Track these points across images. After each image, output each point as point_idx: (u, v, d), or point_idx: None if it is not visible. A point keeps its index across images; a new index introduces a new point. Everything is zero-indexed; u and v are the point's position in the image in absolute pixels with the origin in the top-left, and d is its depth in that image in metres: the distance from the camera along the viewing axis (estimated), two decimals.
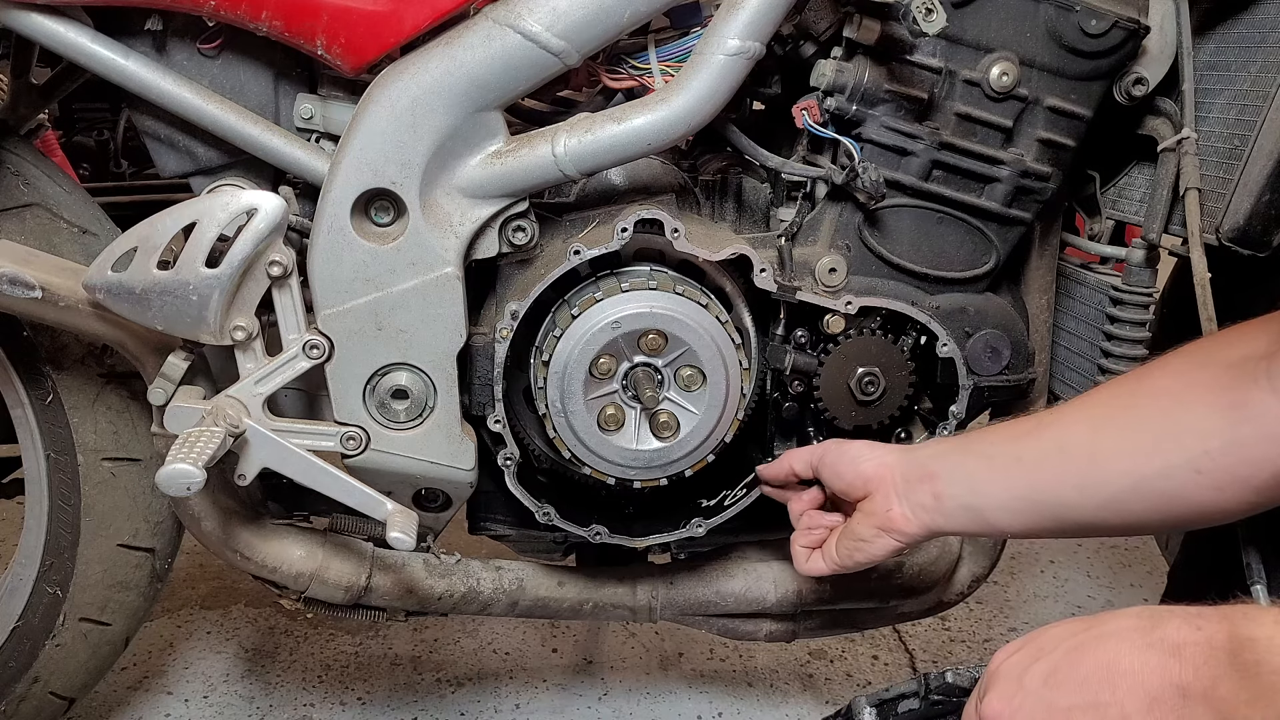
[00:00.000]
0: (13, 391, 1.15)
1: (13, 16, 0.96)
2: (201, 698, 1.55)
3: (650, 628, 1.72)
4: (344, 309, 1.00)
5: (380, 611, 1.20)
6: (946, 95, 1.02)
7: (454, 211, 0.99)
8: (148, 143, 1.07)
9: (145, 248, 0.95)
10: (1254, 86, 1.03)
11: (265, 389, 1.01)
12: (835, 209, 1.05)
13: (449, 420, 1.05)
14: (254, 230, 0.94)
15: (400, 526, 0.98)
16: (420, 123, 0.95)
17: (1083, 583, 1.93)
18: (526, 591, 1.20)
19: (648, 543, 1.14)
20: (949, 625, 1.77)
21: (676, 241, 1.00)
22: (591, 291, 1.02)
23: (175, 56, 1.02)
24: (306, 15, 0.95)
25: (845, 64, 1.00)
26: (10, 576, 1.22)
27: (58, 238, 1.09)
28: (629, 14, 0.93)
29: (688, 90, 0.94)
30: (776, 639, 1.27)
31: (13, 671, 1.22)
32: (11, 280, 0.97)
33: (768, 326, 1.09)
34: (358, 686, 1.58)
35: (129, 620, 1.26)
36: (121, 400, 1.16)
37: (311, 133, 1.04)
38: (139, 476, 1.19)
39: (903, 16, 0.94)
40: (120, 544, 1.20)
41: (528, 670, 1.63)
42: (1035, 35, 1.00)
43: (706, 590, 1.22)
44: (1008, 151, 1.04)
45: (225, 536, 1.12)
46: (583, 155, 0.96)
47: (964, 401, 1.11)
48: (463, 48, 0.94)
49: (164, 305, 0.95)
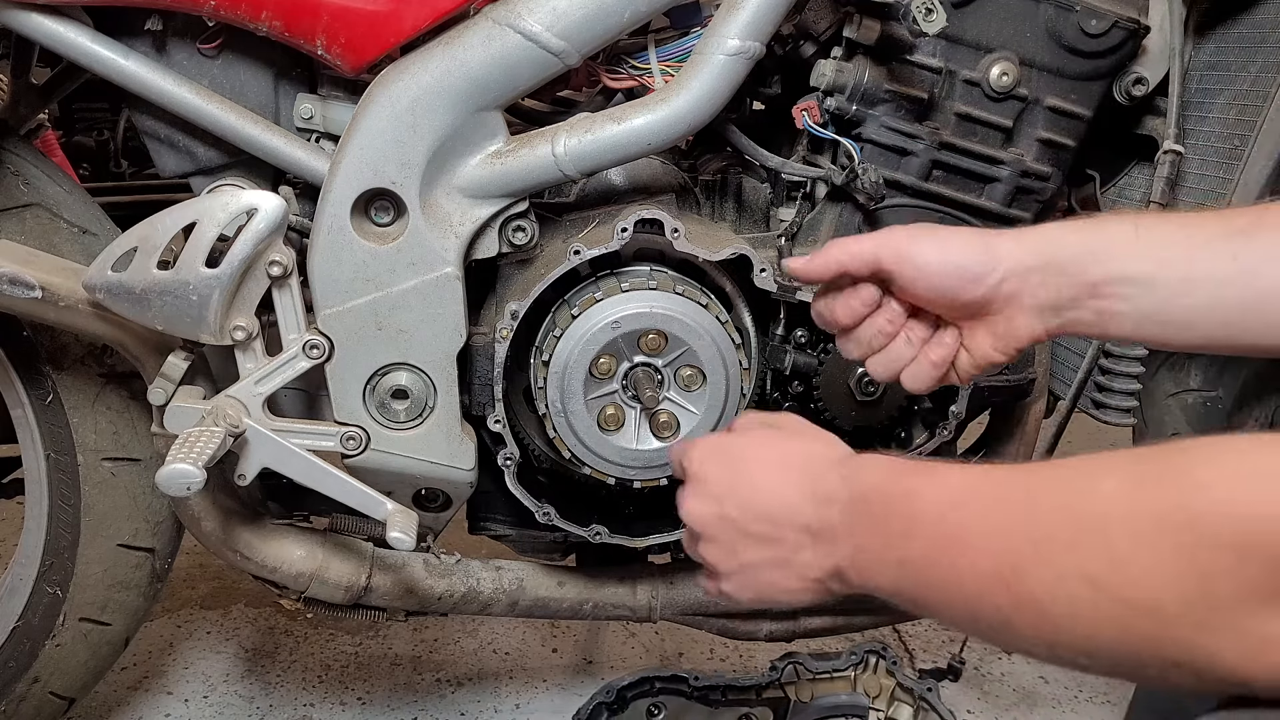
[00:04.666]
0: (13, 391, 1.15)
1: (13, 16, 0.96)
2: (201, 698, 1.55)
3: (650, 628, 1.72)
4: (344, 309, 1.00)
5: (380, 611, 1.20)
6: (946, 95, 1.02)
7: (454, 211, 0.99)
8: (148, 143, 1.07)
9: (145, 248, 0.95)
10: (1254, 86, 1.03)
11: (265, 389, 1.01)
12: (835, 209, 1.05)
13: (449, 420, 1.05)
14: (254, 230, 0.94)
15: (400, 526, 0.98)
16: (420, 123, 0.95)
17: None
18: (526, 591, 1.20)
19: (648, 543, 1.14)
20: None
21: (676, 241, 1.00)
22: (591, 291, 1.02)
23: (175, 56, 1.02)
24: (306, 15, 0.95)
25: (845, 64, 1.00)
26: (10, 576, 1.22)
27: (58, 238, 1.09)
28: (629, 14, 0.93)
29: (688, 90, 0.94)
30: (776, 639, 1.27)
31: (13, 671, 1.22)
32: (11, 280, 0.97)
33: (768, 326, 1.09)
34: (358, 686, 1.58)
35: (129, 620, 1.26)
36: (121, 400, 1.16)
37: (311, 133, 1.04)
38: (139, 476, 1.19)
39: (903, 16, 0.94)
40: (120, 544, 1.20)
41: (528, 670, 1.63)
42: (1035, 35, 1.00)
43: None
44: (1008, 151, 1.04)
45: (225, 536, 1.12)
46: (583, 155, 0.96)
47: (964, 401, 1.11)
48: (463, 48, 0.94)
49: (164, 305, 0.95)
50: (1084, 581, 0.51)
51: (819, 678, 1.24)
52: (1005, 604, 0.55)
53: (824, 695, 1.24)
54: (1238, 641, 0.47)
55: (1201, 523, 0.47)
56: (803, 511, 0.68)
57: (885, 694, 1.24)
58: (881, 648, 1.25)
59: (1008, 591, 0.55)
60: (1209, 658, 0.48)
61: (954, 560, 0.58)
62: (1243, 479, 0.47)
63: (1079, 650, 0.53)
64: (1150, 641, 0.50)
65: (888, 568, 0.63)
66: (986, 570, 0.56)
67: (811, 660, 1.24)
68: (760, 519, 0.70)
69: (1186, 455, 0.51)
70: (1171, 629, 0.48)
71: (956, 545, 0.58)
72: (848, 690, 1.25)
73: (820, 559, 0.67)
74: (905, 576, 0.62)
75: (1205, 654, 0.48)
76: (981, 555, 0.57)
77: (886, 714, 1.24)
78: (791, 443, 0.74)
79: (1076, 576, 0.51)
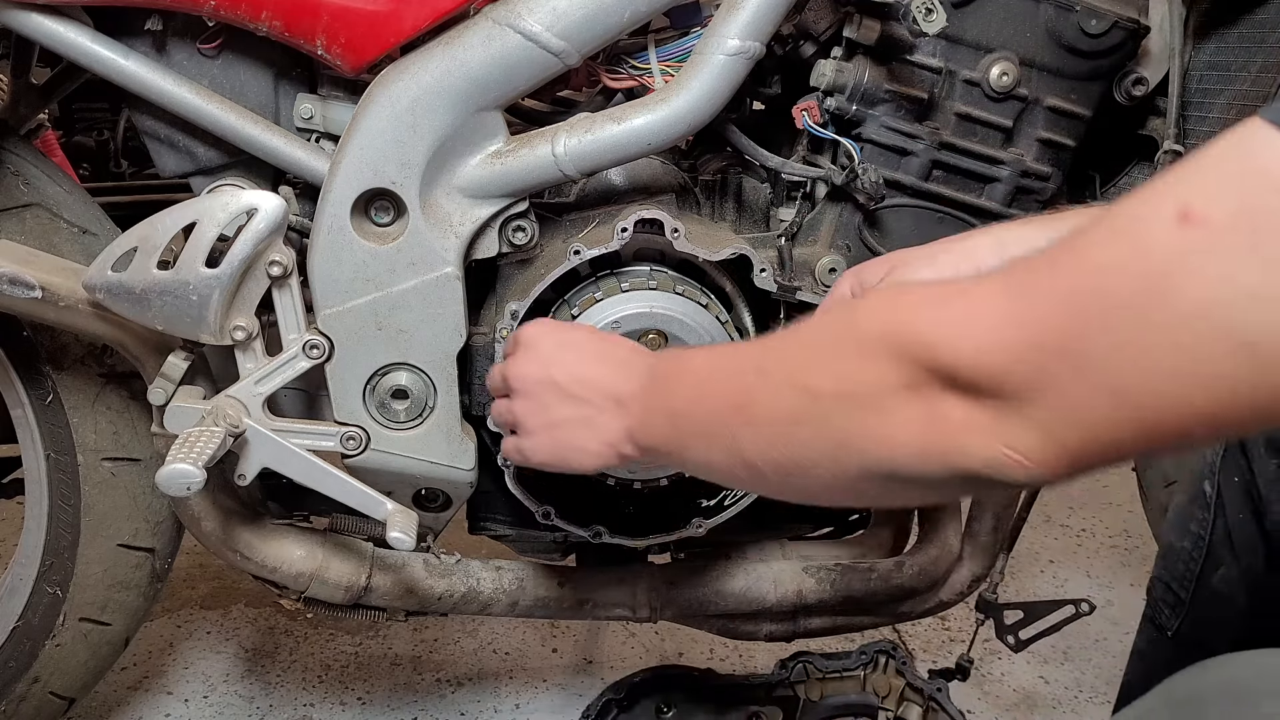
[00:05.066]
0: (13, 391, 1.15)
1: (13, 16, 0.96)
2: (201, 698, 1.55)
3: (650, 628, 1.72)
4: (344, 309, 1.00)
5: (380, 611, 1.20)
6: (946, 95, 1.02)
7: (454, 211, 0.99)
8: (148, 143, 1.07)
9: (145, 248, 0.95)
10: (1254, 86, 1.03)
11: (265, 389, 1.01)
12: (835, 209, 1.05)
13: (449, 420, 1.05)
14: (254, 230, 0.94)
15: (400, 526, 0.98)
16: (420, 122, 0.95)
17: (1083, 582, 1.93)
18: (526, 591, 1.20)
19: (648, 543, 1.14)
20: (949, 625, 1.77)
21: (676, 241, 1.00)
22: (591, 291, 1.02)
23: (175, 56, 1.02)
24: (306, 15, 0.95)
25: (845, 64, 1.00)
26: (10, 576, 1.22)
27: (58, 238, 1.09)
28: (629, 14, 0.93)
29: (688, 90, 0.94)
30: (776, 639, 1.27)
31: (13, 671, 1.22)
32: (11, 280, 0.97)
33: (768, 326, 1.09)
34: (358, 686, 1.58)
35: (129, 620, 1.26)
36: (121, 400, 1.16)
37: (311, 133, 1.04)
38: (139, 476, 1.19)
39: (903, 16, 0.94)
40: (120, 544, 1.20)
41: (528, 670, 1.63)
42: (1035, 35, 1.00)
43: (706, 590, 1.22)
44: (1008, 151, 1.04)
45: (225, 536, 1.12)
46: (583, 155, 0.96)
47: None
48: (463, 47, 0.94)
49: (164, 305, 0.95)
50: (791, 388, 0.64)
51: (828, 677, 1.24)
52: (738, 426, 0.68)
53: (833, 694, 1.25)
54: (892, 421, 0.58)
55: (864, 331, 0.61)
56: (614, 381, 0.81)
57: (895, 693, 1.25)
58: (891, 647, 1.25)
59: (740, 415, 0.68)
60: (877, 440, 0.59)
61: (705, 400, 0.72)
62: (893, 302, 0.61)
63: (794, 458, 0.65)
64: (838, 432, 0.61)
65: (662, 419, 0.76)
66: (727, 402, 0.69)
67: (821, 659, 1.24)
68: (579, 382, 0.82)
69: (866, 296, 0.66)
70: (851, 413, 0.60)
71: (708, 386, 0.72)
72: (857, 690, 1.25)
73: (617, 421, 0.80)
74: (674, 426, 0.75)
75: (874, 435, 0.59)
76: (724, 389, 0.70)
77: (896, 713, 1.24)
78: (616, 339, 0.89)
79: (787, 386, 0.65)
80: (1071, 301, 0.50)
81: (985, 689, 1.62)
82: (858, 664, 1.24)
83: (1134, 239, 0.49)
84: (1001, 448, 0.54)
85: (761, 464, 0.67)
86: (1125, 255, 0.49)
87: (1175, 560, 1.24)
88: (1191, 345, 0.46)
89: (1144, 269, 0.48)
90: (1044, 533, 2.10)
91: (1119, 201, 0.52)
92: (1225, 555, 1.17)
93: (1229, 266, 0.45)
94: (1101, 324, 0.49)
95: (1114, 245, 0.50)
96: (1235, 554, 1.16)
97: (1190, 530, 1.22)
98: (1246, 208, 0.45)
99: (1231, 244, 0.45)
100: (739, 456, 0.68)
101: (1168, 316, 0.47)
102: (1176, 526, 1.25)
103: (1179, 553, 1.24)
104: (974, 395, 0.54)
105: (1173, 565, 1.26)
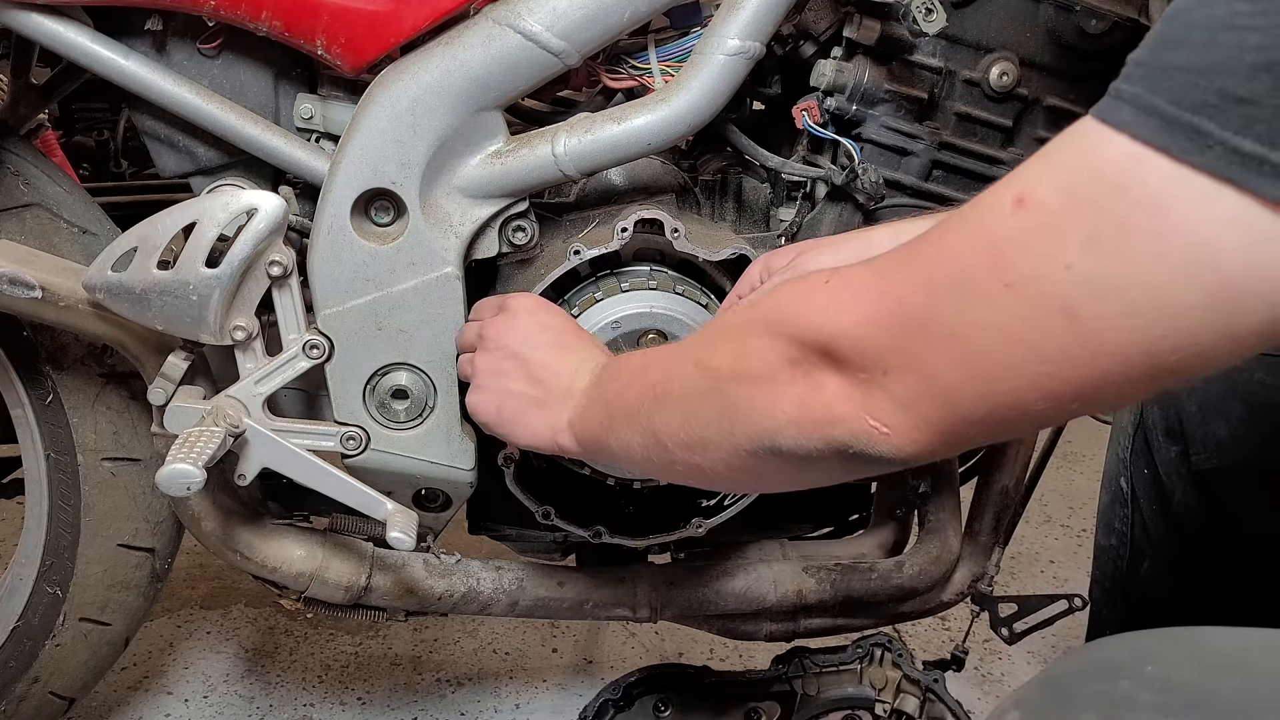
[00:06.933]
0: (13, 391, 1.15)
1: (13, 16, 0.96)
2: (201, 698, 1.55)
3: (650, 628, 1.72)
4: (344, 309, 1.00)
5: (380, 611, 1.20)
6: (946, 95, 1.02)
7: (454, 211, 0.99)
8: (148, 143, 1.07)
9: (145, 248, 0.95)
10: None
11: (265, 389, 1.01)
12: (835, 209, 1.05)
13: (449, 420, 1.05)
14: (254, 230, 0.94)
15: (400, 526, 0.98)
16: (420, 123, 0.95)
17: (1082, 583, 1.91)
18: (526, 591, 1.20)
19: (648, 543, 1.14)
20: (949, 625, 1.77)
21: (676, 241, 1.00)
22: (591, 291, 1.02)
23: (175, 56, 1.02)
24: (306, 15, 0.95)
25: (845, 64, 1.00)
26: (10, 576, 1.22)
27: (58, 238, 1.09)
28: (629, 14, 0.93)
29: (688, 90, 0.94)
30: (776, 639, 1.27)
31: (13, 671, 1.22)
32: (11, 280, 0.97)
33: None
34: (358, 686, 1.58)
35: (129, 620, 1.26)
36: (121, 400, 1.16)
37: (311, 133, 1.04)
38: (139, 476, 1.19)
39: (903, 16, 0.94)
40: (120, 544, 1.20)
41: (528, 670, 1.64)
42: (1035, 35, 1.00)
43: (706, 590, 1.22)
44: (1008, 151, 1.04)
45: (225, 536, 1.12)
46: (583, 155, 0.96)
47: None
48: (463, 48, 0.94)
49: (164, 305, 0.95)
50: (696, 367, 0.71)
51: (825, 671, 1.24)
52: (653, 406, 0.73)
53: (830, 688, 1.25)
54: (776, 393, 0.63)
55: (762, 314, 0.67)
56: (574, 376, 0.86)
57: (891, 686, 1.25)
58: (887, 640, 1.25)
59: (655, 396, 0.74)
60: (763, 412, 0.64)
61: (633, 384, 0.78)
62: (790, 288, 0.68)
63: (696, 435, 0.70)
64: (730, 408, 0.67)
65: (598, 408, 0.81)
66: (649, 385, 0.75)
67: (817, 654, 1.24)
68: (544, 366, 0.87)
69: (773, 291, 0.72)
70: (741, 388, 0.66)
71: (638, 374, 0.78)
72: (854, 683, 1.25)
73: (563, 412, 0.85)
74: (607, 413, 0.80)
75: (760, 407, 0.64)
76: (651, 376, 0.76)
77: (893, 706, 1.24)
78: (588, 337, 0.93)
79: (693, 366, 0.71)
80: (927, 279, 0.56)
81: (985, 689, 1.62)
82: (854, 658, 1.24)
83: (978, 222, 0.55)
84: (866, 418, 0.59)
85: (670, 444, 0.72)
86: (970, 236, 0.55)
87: (1106, 559, 1.26)
88: (1021, 313, 0.52)
89: (984, 247, 0.54)
90: (1044, 533, 2.10)
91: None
92: (1146, 548, 1.18)
93: (1054, 244, 0.50)
94: (950, 299, 0.55)
95: (962, 228, 0.56)
96: (1154, 545, 1.17)
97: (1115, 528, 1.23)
98: (1071, 192, 0.50)
99: (1058, 224, 0.50)
100: (653, 437, 0.74)
101: (1003, 289, 0.52)
102: (1103, 525, 1.26)
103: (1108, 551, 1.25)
104: (846, 369, 0.60)
105: (1104, 565, 1.27)
